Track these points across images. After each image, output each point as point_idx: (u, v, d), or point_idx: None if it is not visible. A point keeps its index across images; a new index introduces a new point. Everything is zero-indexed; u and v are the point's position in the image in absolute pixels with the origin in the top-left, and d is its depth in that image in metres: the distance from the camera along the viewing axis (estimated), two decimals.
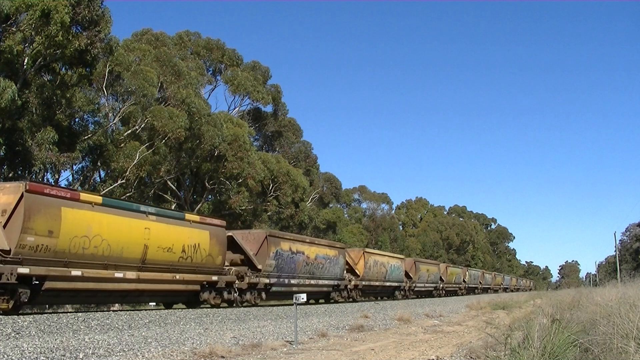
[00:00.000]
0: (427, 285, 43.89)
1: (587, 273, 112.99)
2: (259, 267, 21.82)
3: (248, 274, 21.28)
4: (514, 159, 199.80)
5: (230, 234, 21.42)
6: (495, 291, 68.55)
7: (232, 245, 21.47)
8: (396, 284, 36.86)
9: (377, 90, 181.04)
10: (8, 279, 12.63)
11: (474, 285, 61.07)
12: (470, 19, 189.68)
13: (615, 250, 65.64)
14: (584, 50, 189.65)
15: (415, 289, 40.83)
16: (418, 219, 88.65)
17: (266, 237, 22.44)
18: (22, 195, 13.04)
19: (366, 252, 32.64)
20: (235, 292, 20.73)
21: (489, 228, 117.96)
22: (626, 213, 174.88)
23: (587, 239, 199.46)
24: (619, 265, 60.18)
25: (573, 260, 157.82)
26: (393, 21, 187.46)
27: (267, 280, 22.20)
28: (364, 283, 31.41)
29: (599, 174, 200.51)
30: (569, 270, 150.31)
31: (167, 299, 19.43)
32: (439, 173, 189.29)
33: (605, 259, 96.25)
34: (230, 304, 20.86)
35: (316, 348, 11.28)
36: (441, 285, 47.67)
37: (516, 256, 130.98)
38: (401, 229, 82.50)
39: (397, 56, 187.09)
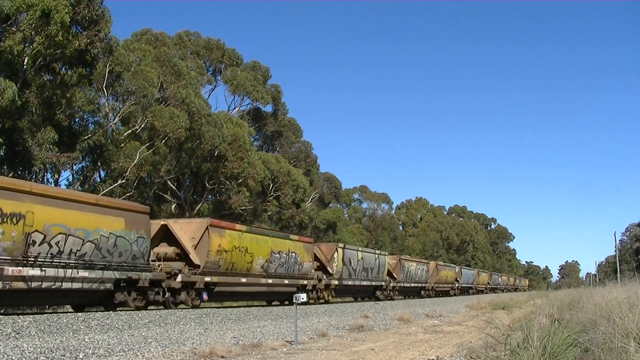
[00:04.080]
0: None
1: (587, 273, 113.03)
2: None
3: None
4: (514, 159, 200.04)
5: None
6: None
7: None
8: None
9: (377, 90, 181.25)
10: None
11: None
12: (470, 19, 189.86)
13: (615, 250, 65.69)
14: (584, 50, 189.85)
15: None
16: (418, 219, 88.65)
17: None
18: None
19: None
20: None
21: (489, 228, 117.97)
22: (626, 213, 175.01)
23: (587, 239, 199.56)
24: (619, 265, 60.23)
25: (573, 260, 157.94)
26: (393, 21, 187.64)
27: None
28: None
29: (599, 174, 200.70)
30: (569, 270, 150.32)
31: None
32: (439, 173, 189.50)
33: (605, 259, 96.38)
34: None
35: (316, 348, 11.28)
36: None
37: (516, 256, 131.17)
38: (401, 229, 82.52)
39: (397, 56, 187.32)
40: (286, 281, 23.59)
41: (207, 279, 18.93)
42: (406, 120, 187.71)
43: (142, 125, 30.12)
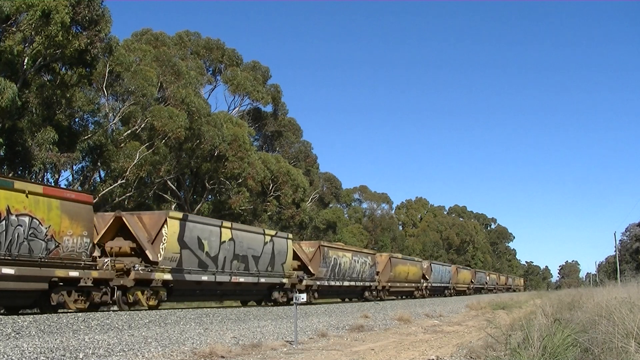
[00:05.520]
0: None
1: (587, 273, 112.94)
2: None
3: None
4: (514, 159, 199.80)
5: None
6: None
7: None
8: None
9: (377, 90, 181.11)
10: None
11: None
12: (470, 19, 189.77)
13: (615, 250, 65.66)
14: (584, 50, 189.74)
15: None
16: (418, 219, 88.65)
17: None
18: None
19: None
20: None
21: (489, 228, 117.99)
22: (626, 213, 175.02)
23: (587, 239, 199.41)
24: (619, 265, 60.20)
25: (573, 260, 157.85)
26: (393, 21, 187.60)
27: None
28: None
29: (599, 174, 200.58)
30: (569, 270, 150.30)
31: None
32: (439, 173, 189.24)
33: (606, 259, 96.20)
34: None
35: (316, 348, 11.28)
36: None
37: (516, 256, 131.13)
38: (401, 229, 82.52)
39: (397, 56, 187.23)
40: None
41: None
42: (406, 120, 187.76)
43: (142, 125, 30.12)
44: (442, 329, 17.05)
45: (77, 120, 29.28)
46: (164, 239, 17.08)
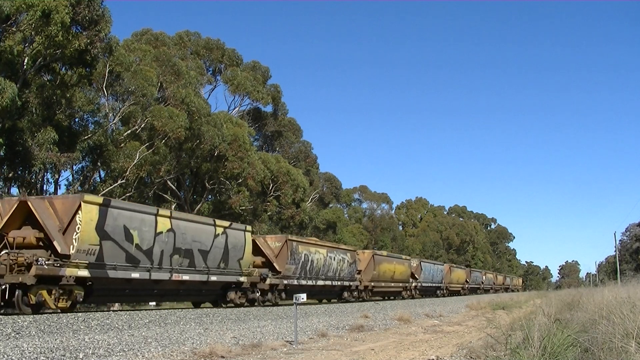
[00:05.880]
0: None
1: (587, 273, 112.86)
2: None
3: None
4: (514, 159, 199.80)
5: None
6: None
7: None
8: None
9: (377, 90, 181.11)
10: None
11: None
12: (470, 19, 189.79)
13: (615, 250, 65.66)
14: (584, 50, 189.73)
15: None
16: (418, 219, 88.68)
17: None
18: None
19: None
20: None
21: (489, 228, 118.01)
22: (626, 213, 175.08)
23: (587, 239, 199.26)
24: (619, 265, 60.22)
25: (573, 260, 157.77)
26: (393, 21, 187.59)
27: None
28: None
29: (599, 174, 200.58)
30: (569, 270, 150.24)
31: None
32: (439, 173, 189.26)
33: (606, 259, 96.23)
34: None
35: (316, 348, 11.28)
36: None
37: (516, 256, 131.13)
38: (401, 229, 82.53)
39: (397, 56, 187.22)
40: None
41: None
42: (406, 120, 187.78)
43: (142, 125, 30.13)
44: (442, 329, 17.06)
45: (77, 120, 29.31)
46: (78, 228, 14.37)
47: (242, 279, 20.78)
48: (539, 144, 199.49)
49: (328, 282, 27.33)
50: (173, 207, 34.74)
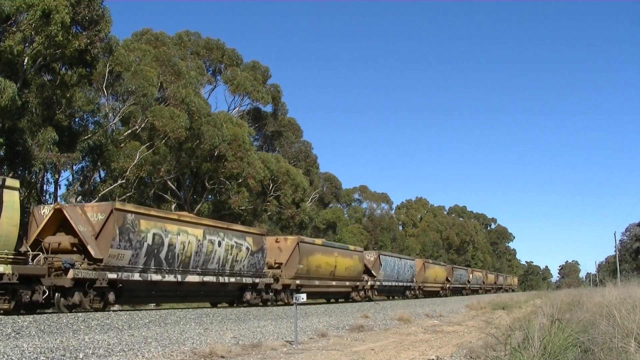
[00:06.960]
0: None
1: (587, 273, 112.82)
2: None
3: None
4: (514, 159, 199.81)
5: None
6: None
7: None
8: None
9: (377, 90, 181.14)
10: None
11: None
12: (470, 19, 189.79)
13: (615, 250, 65.66)
14: (584, 50, 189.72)
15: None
16: (418, 219, 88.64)
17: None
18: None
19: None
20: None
21: (489, 228, 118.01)
22: (626, 213, 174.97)
23: (587, 239, 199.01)
24: (619, 265, 60.20)
25: (573, 260, 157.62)
26: (393, 21, 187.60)
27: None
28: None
29: (599, 174, 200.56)
30: (569, 270, 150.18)
31: None
32: (439, 173, 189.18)
33: (605, 259, 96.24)
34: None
35: (316, 348, 11.28)
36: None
37: (516, 256, 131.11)
38: (401, 229, 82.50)
39: (397, 56, 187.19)
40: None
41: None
42: (406, 120, 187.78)
43: (142, 125, 30.13)
44: (442, 329, 17.06)
45: (77, 120, 29.31)
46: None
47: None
48: (539, 144, 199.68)
49: (209, 279, 19.43)
50: (173, 207, 34.75)
